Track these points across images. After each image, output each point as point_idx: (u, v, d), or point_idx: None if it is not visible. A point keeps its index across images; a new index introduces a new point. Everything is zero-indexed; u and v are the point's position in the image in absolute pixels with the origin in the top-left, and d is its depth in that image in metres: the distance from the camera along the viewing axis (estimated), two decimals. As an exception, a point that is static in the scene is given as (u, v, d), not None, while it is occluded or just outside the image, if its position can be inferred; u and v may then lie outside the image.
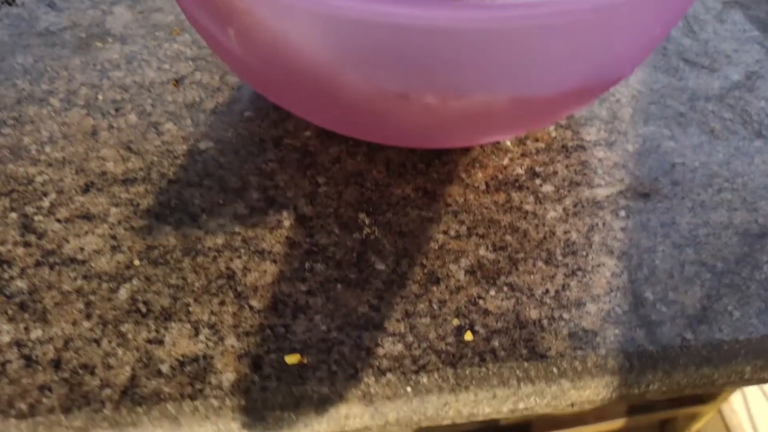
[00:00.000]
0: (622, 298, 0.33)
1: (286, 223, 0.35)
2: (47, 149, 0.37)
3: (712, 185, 0.38)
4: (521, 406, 0.30)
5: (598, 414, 0.87)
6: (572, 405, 0.31)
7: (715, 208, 0.37)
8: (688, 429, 0.97)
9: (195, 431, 0.28)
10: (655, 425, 1.04)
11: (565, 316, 0.32)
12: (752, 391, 0.90)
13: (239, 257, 0.33)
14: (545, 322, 0.32)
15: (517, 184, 0.38)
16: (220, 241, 0.34)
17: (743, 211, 0.37)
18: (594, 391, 0.31)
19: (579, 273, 0.34)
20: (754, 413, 0.92)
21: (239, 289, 0.32)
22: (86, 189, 0.36)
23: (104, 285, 0.32)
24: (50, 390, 0.28)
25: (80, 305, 0.31)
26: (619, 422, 0.87)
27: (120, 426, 0.28)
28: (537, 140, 0.40)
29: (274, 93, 0.33)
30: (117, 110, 0.40)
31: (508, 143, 0.40)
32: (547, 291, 0.33)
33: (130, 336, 0.30)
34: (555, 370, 0.30)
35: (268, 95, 0.35)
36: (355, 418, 0.29)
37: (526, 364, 0.30)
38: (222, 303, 0.31)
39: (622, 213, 0.37)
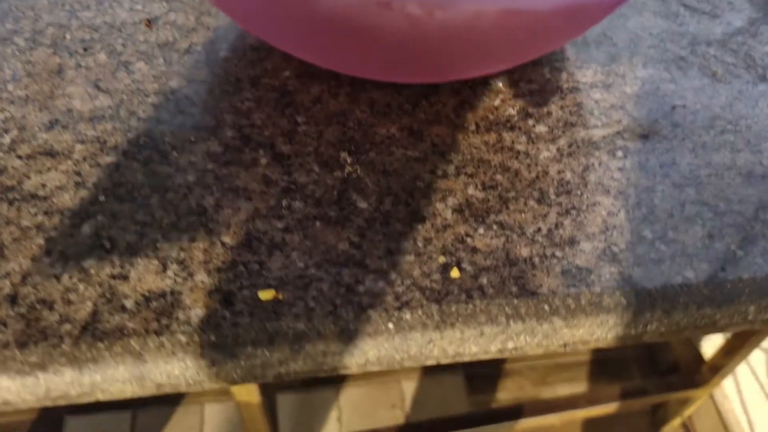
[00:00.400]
0: (618, 237, 0.31)
1: (263, 161, 0.33)
2: (9, 87, 0.35)
3: (714, 127, 0.37)
4: (510, 345, 0.28)
5: (590, 398, 0.85)
6: (565, 346, 0.29)
7: (717, 149, 0.35)
8: (680, 414, 0.95)
9: (161, 368, 0.26)
10: (647, 411, 1.02)
11: (558, 254, 0.30)
12: (744, 376, 0.89)
13: (211, 194, 0.31)
14: (537, 260, 0.30)
15: (508, 125, 0.36)
16: (191, 178, 0.32)
17: (747, 152, 0.35)
18: (588, 330, 0.29)
19: (573, 212, 0.32)
20: (746, 398, 0.90)
21: (211, 225, 0.30)
22: (50, 126, 0.34)
23: (66, 221, 0.30)
24: (5, 325, 0.26)
25: (40, 241, 0.29)
26: (611, 407, 0.85)
27: (79, 362, 0.26)
28: (530, 82, 0.38)
29: (254, 22, 0.31)
30: (85, 49, 0.38)
31: (500, 84, 0.38)
32: (539, 229, 0.31)
33: (92, 271, 0.28)
34: (546, 307, 0.28)
35: (247, 24, 0.33)
36: (333, 356, 0.27)
37: (515, 302, 0.28)
38: (192, 239, 0.30)
39: (620, 153, 0.35)
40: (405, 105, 0.36)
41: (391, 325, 0.27)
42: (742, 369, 0.89)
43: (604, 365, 1.06)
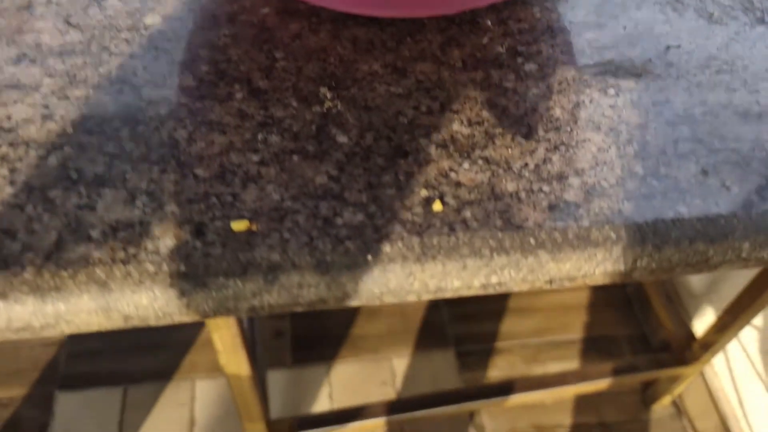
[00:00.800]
0: (608, 172, 0.30)
1: (238, 95, 0.31)
2: (-23, 20, 0.34)
3: (709, 67, 0.35)
4: (494, 280, 0.27)
5: (580, 375, 0.85)
6: (550, 282, 0.28)
7: (712, 88, 0.34)
8: (671, 392, 0.95)
9: (128, 298, 0.25)
10: (637, 389, 1.02)
11: (546, 188, 0.29)
12: (735, 354, 0.88)
13: (184, 127, 0.30)
14: (523, 194, 0.29)
15: (497, 63, 0.34)
16: (163, 111, 0.30)
17: (743, 92, 0.34)
18: (575, 264, 0.28)
19: (562, 148, 0.31)
20: (737, 376, 0.89)
21: (183, 158, 0.29)
22: (18, 60, 0.32)
23: (32, 152, 0.28)
24: (-37, 253, 0.25)
25: (4, 171, 0.28)
26: (601, 384, 0.85)
27: (42, 290, 0.25)
28: (520, 21, 0.37)
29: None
30: (58, -15, 0.36)
31: (488, 23, 0.36)
32: (527, 165, 0.30)
33: (58, 202, 0.27)
34: (532, 240, 0.27)
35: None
36: (309, 288, 0.26)
37: (500, 235, 0.27)
38: (163, 171, 0.28)
39: (612, 91, 0.33)
40: (389, 42, 0.35)
41: (370, 257, 0.26)
42: (733, 347, 0.88)
43: (596, 343, 1.05)
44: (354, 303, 0.27)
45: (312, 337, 0.99)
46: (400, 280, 0.27)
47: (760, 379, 0.84)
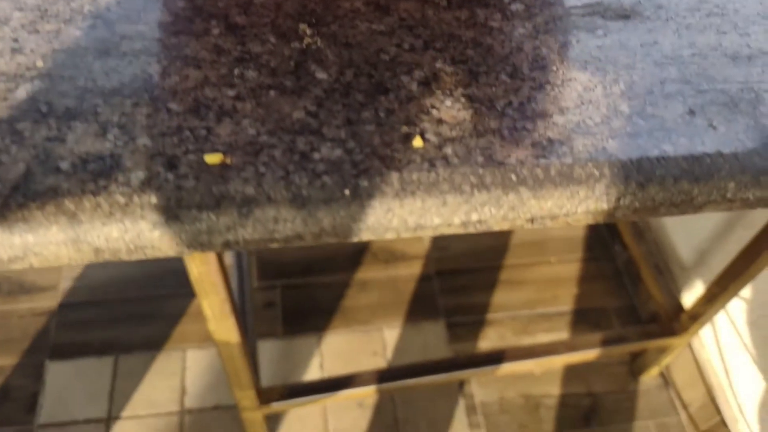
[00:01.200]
0: (594, 111, 0.29)
1: (215, 31, 0.30)
2: (-56, -46, 0.32)
3: (699, 10, 0.34)
4: (474, 217, 0.27)
5: (569, 346, 0.85)
6: (532, 220, 0.27)
7: (702, 31, 0.33)
8: (658, 363, 0.95)
9: (98, 230, 0.24)
10: (625, 360, 1.02)
11: (529, 126, 0.28)
12: (723, 325, 0.89)
13: (158, 62, 0.29)
14: (506, 132, 0.28)
15: (482, 2, 0.33)
16: (137, 46, 0.29)
17: (734, 34, 0.33)
18: (557, 202, 0.27)
19: (547, 86, 0.30)
20: (724, 347, 0.90)
21: (156, 92, 0.28)
22: (-13, -6, 0.31)
23: (0, 85, 0.28)
24: (-74, 183, 0.24)
25: (-31, 103, 0.27)
26: (590, 354, 0.85)
27: (9, 221, 0.24)
28: (507, -37, 0.36)
29: None
30: None
31: (474, -36, 0.35)
32: (510, 103, 0.29)
33: (26, 134, 0.26)
34: (513, 177, 0.27)
35: None
36: (285, 223, 0.25)
37: (481, 171, 0.27)
38: (136, 105, 0.27)
39: (600, 32, 0.33)
40: (372, -18, 0.34)
41: (347, 192, 0.26)
42: (720, 318, 0.89)
43: (585, 315, 1.06)
44: (331, 239, 0.27)
45: (303, 309, 0.99)
46: (379, 216, 0.26)
47: (747, 350, 0.85)
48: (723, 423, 0.89)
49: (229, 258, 0.91)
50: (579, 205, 0.27)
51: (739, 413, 0.87)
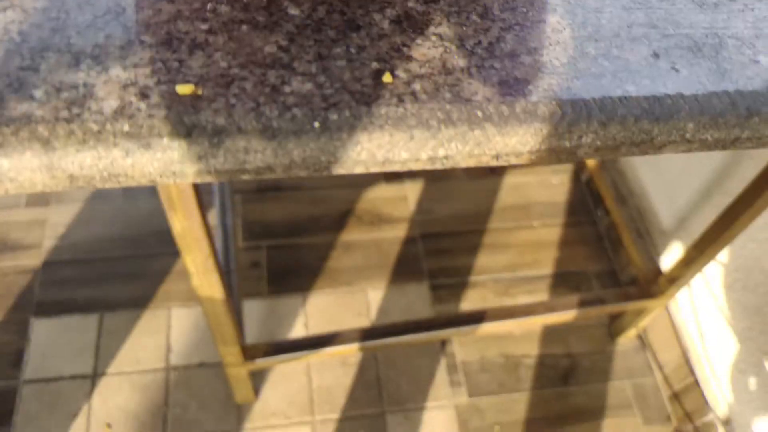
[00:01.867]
0: (561, 52, 0.30)
1: (190, -34, 0.31)
2: None
3: (671, -42, 0.35)
4: (441, 153, 0.28)
5: (548, 307, 0.87)
6: (497, 157, 0.28)
7: (672, -22, 0.34)
8: (636, 325, 0.98)
9: (72, 157, 0.25)
10: (604, 322, 1.05)
11: (497, 65, 0.29)
12: (699, 289, 0.91)
13: (132, -4, 0.29)
14: (474, 70, 0.29)
15: (456, -54, 0.34)
16: (110, -21, 0.30)
17: (702, -18, 0.34)
18: (521, 139, 0.28)
19: (516, 27, 0.30)
20: (699, 310, 0.92)
21: (129, 24, 0.28)
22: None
23: (-29, 15, 0.28)
24: None
25: (-59, 32, 0.27)
26: (569, 315, 0.87)
27: (-19, 146, 0.24)
28: None
29: None
30: None
31: None
32: (480, 42, 0.30)
33: (-2, 63, 0.26)
34: (479, 113, 0.27)
35: None
36: (255, 153, 0.26)
37: (448, 107, 0.27)
38: (108, 36, 0.28)
39: (570, -23, 0.33)
40: (347, -77, 0.34)
41: (317, 124, 0.26)
42: (697, 282, 0.91)
43: (566, 279, 1.08)
44: (301, 172, 0.27)
45: (288, 269, 1.00)
46: (347, 149, 0.27)
47: (722, 313, 0.87)
48: (696, 383, 0.92)
49: (214, 218, 0.91)
50: (542, 143, 0.28)
51: (711, 374, 0.90)
